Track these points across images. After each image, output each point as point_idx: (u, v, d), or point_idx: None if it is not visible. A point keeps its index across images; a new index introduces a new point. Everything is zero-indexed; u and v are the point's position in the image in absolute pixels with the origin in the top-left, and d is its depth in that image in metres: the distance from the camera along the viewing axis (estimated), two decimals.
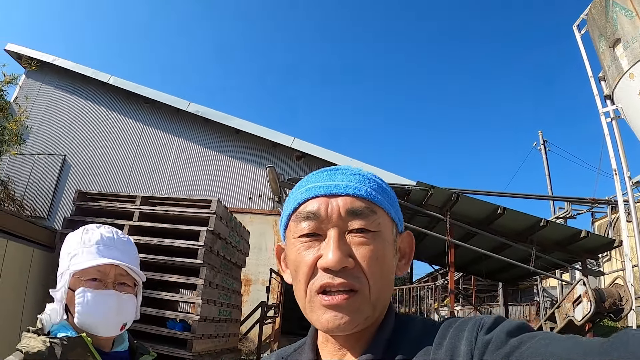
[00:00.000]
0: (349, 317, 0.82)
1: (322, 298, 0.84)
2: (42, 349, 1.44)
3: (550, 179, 22.56)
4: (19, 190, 11.73)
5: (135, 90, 13.24)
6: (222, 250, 6.16)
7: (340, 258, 0.82)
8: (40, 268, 6.00)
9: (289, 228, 0.94)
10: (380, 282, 0.87)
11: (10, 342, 5.34)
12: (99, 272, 1.53)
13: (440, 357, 0.78)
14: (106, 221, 6.05)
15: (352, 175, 0.93)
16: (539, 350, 0.64)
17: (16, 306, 5.64)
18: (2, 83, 8.36)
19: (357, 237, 0.86)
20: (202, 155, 12.56)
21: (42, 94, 14.25)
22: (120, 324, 1.58)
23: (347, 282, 0.83)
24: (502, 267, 12.61)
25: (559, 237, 10.38)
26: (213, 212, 5.83)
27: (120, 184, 12.59)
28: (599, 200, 11.30)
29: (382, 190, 0.94)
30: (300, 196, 0.92)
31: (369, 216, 0.87)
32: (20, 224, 5.65)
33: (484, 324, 0.78)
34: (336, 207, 0.87)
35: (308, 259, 0.86)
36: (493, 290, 26.51)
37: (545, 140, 23.77)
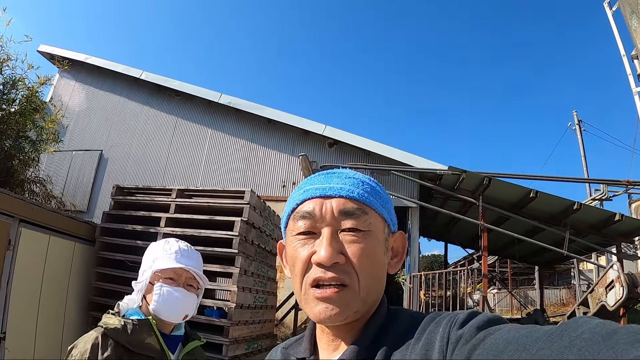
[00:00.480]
0: (339, 309, 0.89)
1: (314, 291, 0.91)
2: (118, 326, 1.96)
3: (585, 160, 22.06)
4: (59, 186, 11.97)
5: (166, 84, 13.40)
6: (256, 239, 6.26)
7: (331, 254, 0.89)
8: (81, 261, 6.18)
9: (288, 226, 1.02)
10: (370, 278, 0.93)
11: (56, 331, 5.58)
12: (174, 273, 2.06)
13: (416, 351, 0.82)
14: (143, 214, 6.26)
15: (347, 179, 1.00)
16: (497, 340, 0.67)
17: (60, 297, 5.84)
18: (37, 84, 8.56)
19: (349, 236, 0.92)
20: (236, 145, 12.65)
21: (77, 92, 14.54)
22: (184, 315, 2.08)
23: (338, 276, 0.89)
24: (535, 251, 12.47)
25: (592, 220, 10.22)
26: (247, 202, 5.92)
27: (157, 176, 12.81)
28: (634, 182, 10.98)
29: (375, 192, 1.00)
30: (299, 197, 1.00)
31: (360, 216, 0.94)
32: (61, 220, 5.82)
33: (458, 319, 0.81)
34: (330, 207, 0.94)
35: (303, 255, 0.93)
36: (529, 273, 26.14)
37: (580, 120, 23.24)
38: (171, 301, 2.01)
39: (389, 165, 10.32)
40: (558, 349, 0.54)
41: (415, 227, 10.58)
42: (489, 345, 0.67)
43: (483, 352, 0.67)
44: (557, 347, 0.54)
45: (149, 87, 13.85)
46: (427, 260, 48.69)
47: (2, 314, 4.84)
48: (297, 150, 11.58)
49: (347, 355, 0.89)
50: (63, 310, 5.86)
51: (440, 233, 15.93)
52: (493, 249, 15.95)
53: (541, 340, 0.58)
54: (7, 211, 4.85)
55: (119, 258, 6.12)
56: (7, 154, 8.04)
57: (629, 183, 10.93)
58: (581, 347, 0.51)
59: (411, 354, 0.82)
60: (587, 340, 0.52)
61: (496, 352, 0.63)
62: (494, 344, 0.66)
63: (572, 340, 0.53)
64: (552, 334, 0.58)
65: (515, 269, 25.53)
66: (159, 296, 2.01)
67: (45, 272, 5.53)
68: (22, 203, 5.17)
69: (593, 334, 0.53)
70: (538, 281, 18.42)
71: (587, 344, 0.51)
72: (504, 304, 25.97)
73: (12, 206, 4.92)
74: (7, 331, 4.85)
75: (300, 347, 1.03)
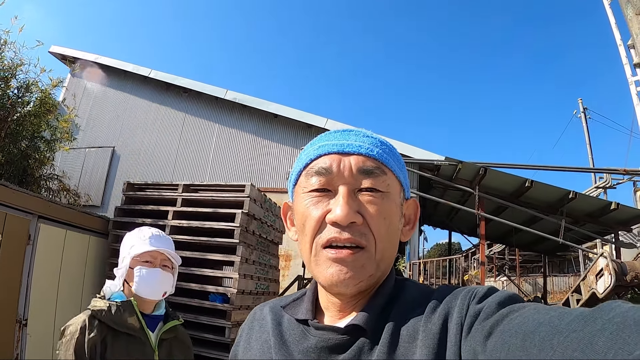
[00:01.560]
0: (353, 273, 0.85)
1: (328, 252, 0.86)
2: (104, 308, 2.20)
3: (591, 148, 21.79)
4: (73, 182, 12.23)
5: (174, 82, 13.60)
6: (257, 229, 6.55)
7: (348, 213, 0.85)
8: (96, 253, 6.52)
9: (299, 183, 0.97)
10: (386, 242, 0.89)
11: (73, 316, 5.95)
12: (150, 256, 2.32)
13: (433, 322, 0.79)
14: (152, 208, 6.58)
15: (365, 137, 0.96)
16: (526, 319, 0.65)
17: (77, 287, 6.18)
18: (50, 87, 8.85)
19: (367, 196, 0.89)
20: (241, 139, 12.83)
21: (88, 90, 14.79)
22: (162, 292, 2.34)
23: (354, 238, 0.85)
24: (536, 239, 12.46)
25: (589, 209, 10.27)
26: (247, 195, 6.21)
27: (167, 170, 13.06)
28: (632, 171, 10.88)
29: (393, 154, 0.97)
30: (313, 153, 0.95)
31: (379, 176, 0.90)
32: (76, 215, 6.15)
33: (477, 293, 0.80)
34: (348, 164, 0.90)
35: (316, 213, 0.89)
36: (540, 261, 25.97)
37: (585, 107, 23.01)
38: (150, 281, 2.27)
39: None
40: (590, 332, 0.53)
41: None
42: (517, 323, 0.65)
43: (510, 329, 0.65)
44: (589, 331, 0.53)
45: (158, 84, 14.04)
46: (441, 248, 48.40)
47: (24, 302, 5.14)
48: (300, 143, 11.81)
49: (357, 320, 0.85)
50: (79, 298, 6.19)
51: (442, 222, 15.93)
52: (495, 236, 15.94)
53: (573, 323, 0.56)
54: (26, 208, 5.15)
55: None
56: (23, 153, 8.32)
57: (626, 172, 10.80)
58: (612, 330, 0.50)
59: (427, 324, 0.80)
60: (618, 324, 0.51)
61: (525, 332, 0.62)
62: (522, 323, 0.64)
63: (604, 324, 0.52)
64: (585, 317, 0.57)
65: (526, 257, 25.29)
66: (139, 277, 2.25)
67: (63, 264, 5.86)
68: (40, 201, 5.51)
69: (625, 317, 0.51)
70: (543, 269, 18.34)
71: (619, 328, 0.50)
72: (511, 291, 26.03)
73: (31, 204, 5.24)
74: (29, 318, 5.15)
75: (300, 308, 0.99)
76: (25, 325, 5.15)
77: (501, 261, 29.05)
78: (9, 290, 4.97)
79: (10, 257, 4.96)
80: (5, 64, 8.18)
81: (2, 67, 8.13)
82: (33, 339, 5.28)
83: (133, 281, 2.27)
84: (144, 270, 2.28)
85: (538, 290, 20.03)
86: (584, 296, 8.47)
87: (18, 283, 5.09)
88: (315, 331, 0.90)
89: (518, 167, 9.95)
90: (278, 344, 0.92)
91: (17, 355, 5.07)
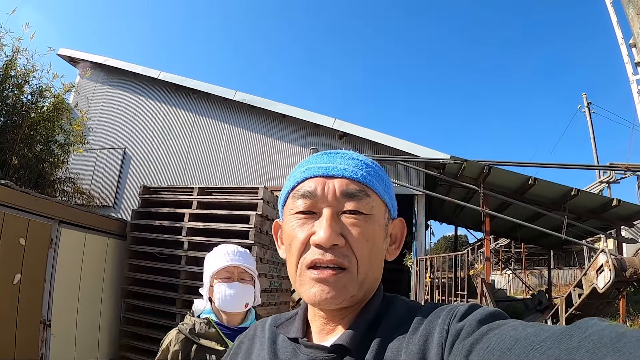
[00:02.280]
0: (335, 292, 0.87)
1: (311, 272, 0.88)
2: (190, 324, 2.43)
3: (595, 142, 21.76)
4: (86, 183, 12.41)
5: (183, 83, 13.66)
6: (270, 229, 6.79)
7: (331, 235, 0.86)
8: (114, 254, 6.74)
9: (287, 205, 0.99)
10: (369, 263, 0.90)
11: (94, 317, 6.17)
12: (227, 271, 2.45)
13: (414, 342, 0.80)
14: (168, 211, 6.76)
15: (350, 160, 0.97)
16: (503, 336, 0.65)
17: (97, 287, 6.38)
18: (62, 91, 8.97)
19: (350, 218, 0.90)
20: (251, 139, 12.87)
21: (98, 93, 14.87)
22: (244, 303, 2.46)
23: (336, 259, 0.87)
24: (541, 234, 12.42)
25: (591, 205, 10.34)
26: (260, 197, 6.40)
27: (178, 170, 13.14)
28: (633, 167, 10.81)
29: (378, 176, 0.98)
30: (300, 175, 0.96)
31: (363, 199, 0.91)
32: (95, 219, 6.34)
33: (458, 312, 0.81)
34: (332, 188, 0.92)
35: (302, 235, 0.91)
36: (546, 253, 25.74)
37: (589, 102, 22.80)
38: (229, 295, 2.39)
39: (395, 156, 10.45)
40: (566, 349, 0.53)
41: (421, 213, 10.72)
42: (495, 341, 0.66)
43: (487, 347, 0.66)
44: (565, 348, 0.54)
45: (167, 86, 14.10)
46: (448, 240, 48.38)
47: (48, 304, 5.35)
48: (309, 143, 11.85)
49: (342, 340, 0.86)
50: (100, 298, 6.42)
51: (448, 217, 16.00)
52: (500, 231, 16.16)
53: (550, 340, 0.57)
54: (48, 214, 5.35)
55: (148, 251, 6.67)
56: (38, 157, 8.47)
57: (627, 168, 10.74)
58: (589, 348, 0.51)
59: (408, 344, 0.80)
60: (595, 342, 0.52)
61: (502, 349, 0.63)
62: (499, 340, 0.65)
63: (581, 342, 0.53)
64: (561, 334, 0.58)
65: (532, 250, 25.08)
66: (218, 293, 2.40)
67: (83, 266, 6.08)
68: (60, 206, 5.70)
69: (601, 336, 0.52)
70: (548, 262, 18.49)
71: (595, 346, 0.51)
72: (518, 284, 25.89)
73: (52, 209, 5.44)
74: (52, 319, 5.37)
75: (292, 327, 1.00)
76: (49, 326, 5.36)
77: (507, 254, 29.02)
78: (33, 292, 5.16)
79: (34, 261, 5.15)
80: (19, 71, 8.31)
81: (15, 74, 8.27)
82: (57, 339, 5.50)
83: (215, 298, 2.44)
84: (222, 286, 2.42)
85: (544, 283, 20.03)
86: (585, 291, 8.44)
87: (42, 285, 5.30)
88: (305, 349, 0.92)
89: (521, 164, 10.02)
90: None
91: (42, 354, 5.26)
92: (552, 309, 10.14)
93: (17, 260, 4.91)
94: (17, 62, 8.28)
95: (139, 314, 6.61)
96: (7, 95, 8.09)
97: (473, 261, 29.90)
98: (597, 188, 16.10)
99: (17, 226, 4.90)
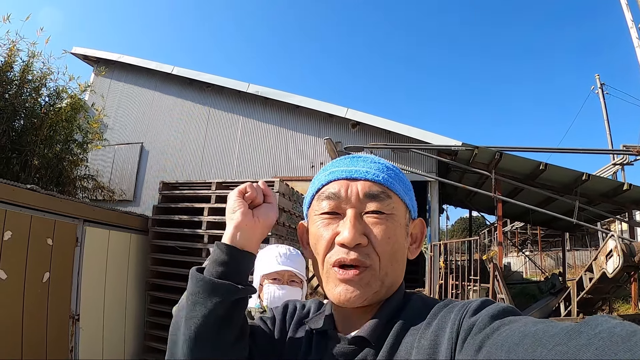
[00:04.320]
0: (359, 291, 0.90)
1: (337, 272, 0.92)
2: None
3: (609, 124, 21.15)
4: (105, 178, 12.58)
5: (197, 77, 13.75)
6: (287, 220, 6.87)
7: (355, 235, 0.90)
8: (137, 249, 6.93)
9: (312, 207, 1.03)
10: (390, 260, 0.93)
11: (120, 310, 6.42)
12: (277, 274, 2.55)
13: (426, 337, 0.82)
14: (188, 205, 6.92)
15: (372, 163, 1.00)
16: (513, 332, 0.65)
17: (122, 281, 6.57)
18: (79, 91, 9.11)
19: (372, 218, 0.93)
20: (266, 130, 12.96)
21: (113, 89, 15.03)
22: None
23: (359, 259, 0.90)
24: (552, 218, 12.43)
25: (603, 190, 10.37)
26: (277, 190, 6.50)
27: (195, 163, 13.29)
28: None
29: (399, 178, 1.01)
30: (324, 178, 1.00)
31: (384, 200, 0.95)
32: (118, 216, 6.51)
33: (470, 307, 0.82)
34: (355, 190, 0.95)
35: (327, 235, 0.94)
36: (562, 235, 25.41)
37: (602, 83, 22.18)
38: (278, 296, 2.46)
39: (408, 144, 10.51)
40: (575, 346, 0.53)
41: (435, 199, 10.78)
42: (504, 336, 0.66)
43: (497, 343, 0.66)
44: (574, 345, 0.53)
45: (181, 80, 14.19)
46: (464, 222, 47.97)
47: (76, 299, 5.54)
48: (322, 133, 11.87)
49: (363, 332, 0.90)
50: (125, 291, 6.63)
51: (462, 201, 16.02)
52: (513, 214, 16.17)
53: (558, 336, 0.56)
54: (73, 214, 5.55)
55: (170, 245, 6.86)
56: (58, 157, 8.63)
57: (639, 152, 10.75)
58: (599, 346, 0.50)
59: (421, 339, 0.83)
60: (605, 340, 0.51)
61: (511, 344, 0.62)
62: (509, 336, 0.65)
63: (590, 339, 0.52)
64: (570, 330, 0.57)
65: (548, 231, 24.83)
66: (267, 294, 2.48)
67: (108, 261, 6.29)
68: (84, 206, 5.88)
69: (612, 334, 0.51)
70: (562, 244, 18.46)
71: (605, 344, 0.50)
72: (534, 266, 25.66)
73: (77, 209, 5.63)
74: (81, 313, 5.59)
75: (320, 320, 1.03)
76: (77, 320, 5.58)
77: (523, 236, 28.85)
78: (62, 289, 5.36)
79: (61, 259, 5.35)
80: (35, 74, 8.48)
81: (32, 78, 8.44)
82: (85, 332, 5.73)
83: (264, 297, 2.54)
84: (271, 287, 2.51)
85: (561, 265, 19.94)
86: (595, 276, 8.59)
87: (69, 282, 5.50)
88: (330, 341, 0.97)
89: (532, 150, 10.08)
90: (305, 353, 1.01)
91: (72, 347, 5.48)
92: (565, 292, 10.23)
93: (46, 259, 5.10)
94: (33, 66, 8.44)
95: (163, 306, 6.79)
96: (25, 98, 8.25)
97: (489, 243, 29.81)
98: (611, 170, 16.00)
99: (44, 227, 5.09)
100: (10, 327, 4.60)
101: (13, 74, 8.19)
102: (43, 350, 4.99)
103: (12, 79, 8.17)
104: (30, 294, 4.83)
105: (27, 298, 4.78)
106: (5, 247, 4.53)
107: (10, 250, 4.59)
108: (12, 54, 8.11)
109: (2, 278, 4.49)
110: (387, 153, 11.10)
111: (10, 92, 8.01)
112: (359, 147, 10.58)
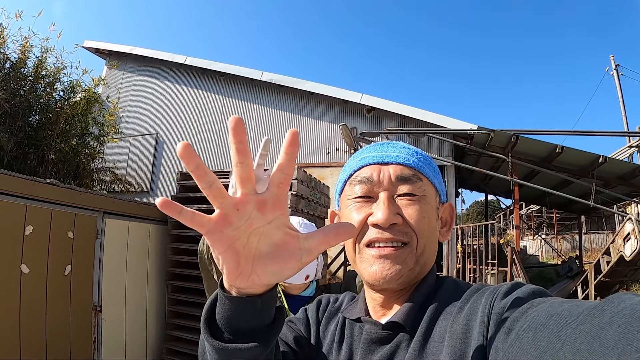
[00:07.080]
0: (395, 268, 0.91)
1: (371, 250, 0.93)
2: None
3: (624, 105, 20.67)
4: (121, 170, 12.66)
5: (210, 67, 13.74)
6: (305, 207, 6.85)
7: (389, 215, 0.91)
8: (157, 239, 6.97)
9: (344, 192, 1.05)
10: (426, 238, 0.95)
11: (141, 300, 6.48)
12: None
13: (458, 322, 0.83)
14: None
15: (402, 148, 1.03)
16: (540, 313, 0.66)
17: (142, 272, 6.60)
18: (93, 85, 9.17)
19: (405, 200, 0.95)
20: (280, 118, 12.95)
21: (126, 81, 15.03)
22: (304, 275, 2.49)
23: (395, 237, 0.92)
24: (568, 201, 12.38)
25: (620, 172, 10.28)
26: (295, 178, 6.47)
27: (210, 152, 13.28)
28: None
29: (428, 162, 1.03)
30: (356, 164, 1.02)
31: (416, 182, 0.96)
32: (137, 207, 6.53)
33: (501, 290, 0.82)
34: (387, 173, 0.97)
35: (360, 217, 0.95)
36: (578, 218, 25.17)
37: (617, 64, 21.64)
38: None
39: (424, 128, 10.45)
40: (598, 324, 0.52)
41: (451, 183, 10.70)
42: (532, 318, 0.66)
43: (525, 325, 0.66)
44: (597, 323, 0.52)
45: (194, 70, 14.18)
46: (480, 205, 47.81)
47: (98, 291, 5.59)
48: (338, 119, 11.87)
49: (397, 317, 0.91)
50: (145, 282, 6.67)
51: (478, 185, 15.88)
52: (530, 198, 15.98)
53: (582, 315, 0.56)
54: (92, 207, 5.58)
55: (189, 234, 6.88)
56: (75, 151, 8.74)
57: None
58: (621, 323, 0.49)
59: (453, 324, 0.83)
60: (627, 317, 0.49)
61: (537, 325, 0.63)
62: (536, 317, 0.65)
63: (613, 316, 0.51)
64: (593, 309, 0.56)
65: (564, 214, 24.61)
66: None
67: (128, 252, 6.33)
68: (104, 198, 5.91)
69: (634, 310, 0.50)
70: (578, 228, 18.38)
71: (628, 321, 0.49)
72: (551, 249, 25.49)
73: (96, 202, 5.66)
74: (103, 304, 5.65)
75: (354, 309, 1.05)
76: (100, 311, 5.64)
77: (539, 219, 28.72)
78: (84, 281, 5.42)
79: (82, 252, 5.39)
80: (48, 70, 8.54)
81: (46, 73, 8.50)
82: (107, 323, 5.80)
83: None
84: None
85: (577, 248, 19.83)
86: (613, 258, 8.56)
87: (91, 274, 5.55)
88: (365, 327, 0.97)
89: (548, 132, 9.97)
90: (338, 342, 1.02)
91: (95, 338, 5.55)
92: (582, 275, 10.19)
93: (67, 252, 5.15)
94: (46, 62, 8.50)
95: (184, 294, 6.82)
96: (40, 94, 8.33)
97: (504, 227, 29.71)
98: (627, 152, 15.84)
99: (65, 221, 5.15)
100: (35, 320, 4.66)
101: (27, 70, 8.27)
102: (67, 341, 5.06)
103: (26, 75, 8.24)
104: (52, 286, 4.88)
105: (49, 291, 4.84)
106: (27, 241, 4.58)
107: (32, 244, 4.64)
108: (26, 51, 8.17)
109: (25, 272, 4.54)
110: (403, 138, 10.99)
111: (24, 88, 8.08)
112: (374, 133, 10.51)
